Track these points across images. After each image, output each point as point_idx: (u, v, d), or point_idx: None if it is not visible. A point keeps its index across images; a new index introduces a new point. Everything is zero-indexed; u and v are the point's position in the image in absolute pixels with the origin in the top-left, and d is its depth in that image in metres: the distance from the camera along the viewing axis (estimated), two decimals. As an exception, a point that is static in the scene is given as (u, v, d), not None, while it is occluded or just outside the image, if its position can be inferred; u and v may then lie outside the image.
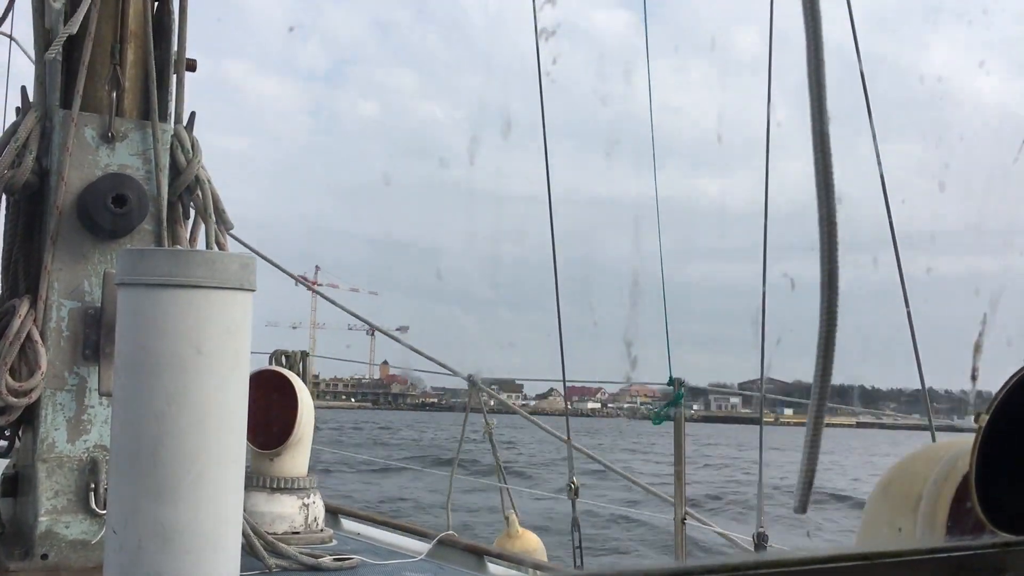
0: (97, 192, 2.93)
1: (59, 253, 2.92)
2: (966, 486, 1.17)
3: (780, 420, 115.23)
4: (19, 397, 2.80)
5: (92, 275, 2.97)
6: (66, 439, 2.88)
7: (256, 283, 1.79)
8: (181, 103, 3.15)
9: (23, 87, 3.14)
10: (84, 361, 2.93)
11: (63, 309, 2.93)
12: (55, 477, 2.82)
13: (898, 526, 1.37)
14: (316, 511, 3.64)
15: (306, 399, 3.78)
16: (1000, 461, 1.15)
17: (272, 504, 3.54)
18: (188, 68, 3.14)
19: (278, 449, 3.62)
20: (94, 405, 2.92)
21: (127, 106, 3.06)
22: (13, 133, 2.98)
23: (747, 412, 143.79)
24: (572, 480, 4.97)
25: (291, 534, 3.48)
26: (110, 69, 3.02)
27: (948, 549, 0.75)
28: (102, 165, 2.99)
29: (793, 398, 5.58)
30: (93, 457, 2.87)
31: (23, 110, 3.06)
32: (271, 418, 3.62)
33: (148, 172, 3.05)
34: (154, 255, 1.77)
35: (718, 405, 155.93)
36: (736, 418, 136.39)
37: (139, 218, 2.99)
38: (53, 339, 2.90)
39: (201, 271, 1.69)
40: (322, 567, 3.16)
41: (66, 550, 2.75)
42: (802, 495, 1.21)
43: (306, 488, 3.64)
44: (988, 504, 1.09)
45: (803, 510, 1.16)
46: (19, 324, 2.82)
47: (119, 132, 3.02)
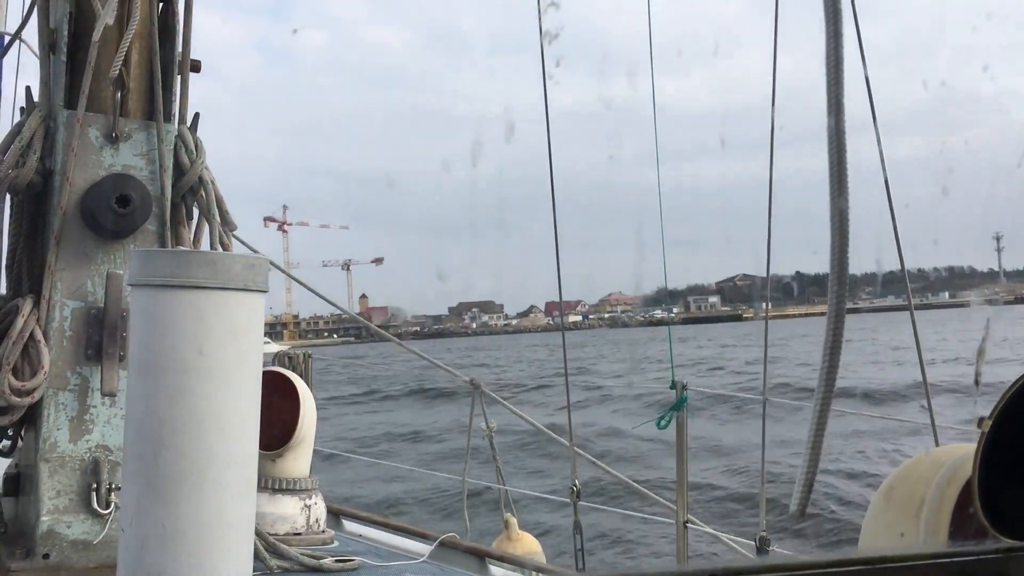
0: (101, 192, 2.93)
1: (63, 253, 2.93)
2: (969, 491, 1.16)
3: (759, 315, 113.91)
4: (22, 397, 2.80)
5: (95, 275, 2.97)
6: (68, 439, 2.88)
7: (267, 284, 1.78)
8: (185, 104, 3.15)
9: (27, 87, 3.15)
10: (87, 361, 2.93)
11: (66, 309, 2.93)
12: (57, 477, 2.82)
13: (900, 531, 1.37)
14: (318, 512, 3.64)
15: (308, 400, 3.79)
16: (1003, 466, 1.15)
17: (273, 505, 3.54)
18: (192, 69, 3.15)
19: (280, 450, 3.62)
20: (96, 405, 2.93)
21: (131, 107, 3.07)
22: (17, 133, 2.98)
23: (726, 310, 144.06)
24: (574, 482, 4.97)
25: (292, 535, 3.48)
26: (115, 69, 3.02)
27: (951, 554, 0.75)
28: (106, 165, 2.99)
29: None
30: (95, 457, 2.88)
31: (27, 110, 3.06)
32: (273, 419, 3.62)
33: (152, 173, 3.05)
34: (158, 256, 1.77)
35: (697, 305, 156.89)
36: (716, 317, 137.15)
37: (142, 218, 2.99)
38: (56, 339, 2.91)
39: (203, 272, 1.69)
40: (323, 568, 3.16)
41: (68, 550, 2.76)
42: (801, 499, 1.21)
43: (308, 489, 3.64)
44: (991, 509, 1.09)
45: (801, 515, 1.16)
46: (22, 324, 2.83)
47: (123, 132, 3.02)
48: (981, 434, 1.14)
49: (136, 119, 3.07)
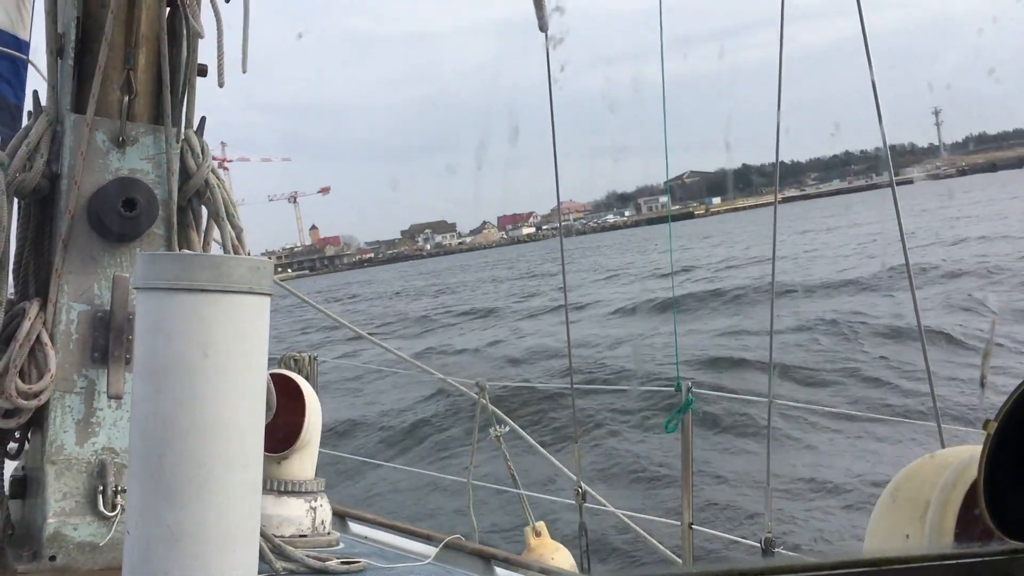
0: (107, 196, 2.94)
1: (70, 257, 2.94)
2: (974, 493, 1.16)
3: (711, 211, 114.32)
4: (28, 400, 2.81)
5: (102, 278, 2.98)
6: (75, 442, 2.89)
7: (271, 287, 1.78)
8: (192, 107, 3.16)
9: (35, 91, 3.16)
10: (93, 364, 2.94)
11: (73, 312, 2.94)
12: (63, 479, 2.83)
13: (906, 533, 1.36)
14: (323, 514, 3.64)
15: (314, 402, 3.79)
16: (1008, 468, 1.15)
17: (279, 507, 3.55)
18: (199, 73, 3.16)
19: (285, 452, 3.63)
20: (103, 408, 2.94)
21: (138, 110, 3.08)
22: (25, 137, 3.00)
23: (676, 208, 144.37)
24: (579, 484, 4.97)
25: (298, 537, 3.48)
26: (123, 74, 3.03)
27: (956, 556, 0.75)
28: (113, 169, 3.00)
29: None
30: (101, 460, 2.88)
31: (34, 114, 3.07)
32: (278, 421, 3.63)
33: (159, 176, 3.06)
34: (163, 259, 1.77)
35: (648, 207, 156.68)
36: (665, 217, 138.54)
37: (148, 222, 3.00)
38: (62, 342, 2.92)
39: (206, 275, 1.69)
40: (329, 570, 3.16)
41: (74, 552, 2.76)
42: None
43: (313, 491, 3.65)
44: (996, 511, 1.09)
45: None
46: (29, 327, 2.84)
47: (130, 136, 3.03)
48: (986, 436, 1.14)
49: (143, 123, 3.08)
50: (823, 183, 58.93)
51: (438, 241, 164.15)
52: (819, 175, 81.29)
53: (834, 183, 54.48)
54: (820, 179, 46.29)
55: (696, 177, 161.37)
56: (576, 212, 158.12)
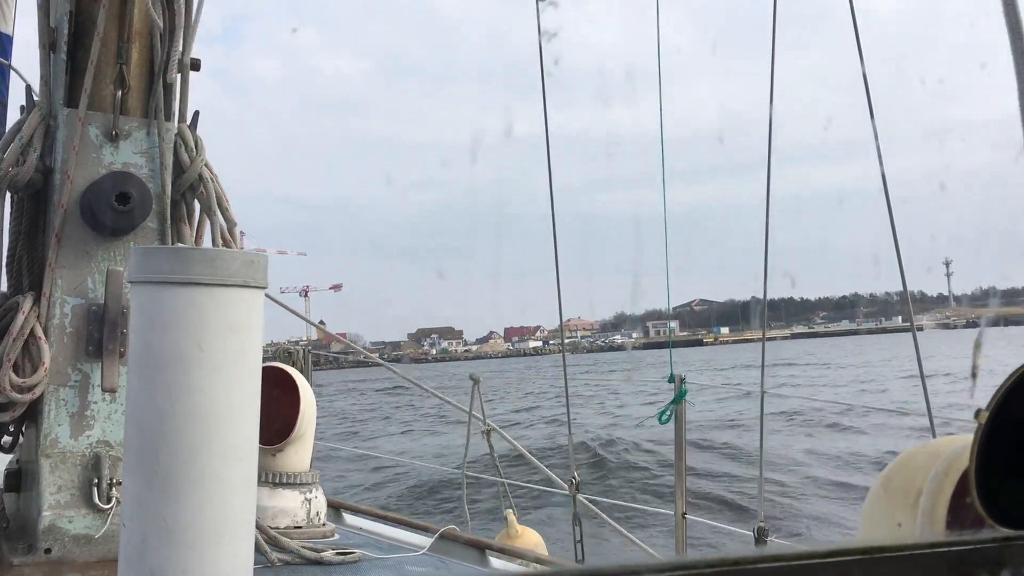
0: (101, 190, 2.94)
1: (63, 250, 2.94)
2: (966, 481, 1.17)
3: (719, 340, 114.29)
4: (23, 393, 2.81)
5: (96, 272, 2.98)
6: (69, 435, 2.89)
7: (266, 280, 1.79)
8: (185, 102, 3.15)
9: (28, 86, 3.15)
10: (87, 357, 2.94)
11: (67, 306, 2.94)
12: (58, 472, 2.83)
13: (898, 521, 1.38)
14: (318, 506, 3.65)
15: (308, 395, 3.80)
16: (1000, 457, 1.16)
17: (274, 499, 3.56)
18: (192, 68, 3.15)
19: (280, 444, 3.63)
20: (97, 401, 2.94)
21: (131, 105, 3.07)
22: (17, 131, 2.99)
23: (684, 335, 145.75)
24: (574, 474, 4.98)
25: (293, 528, 3.49)
26: (115, 68, 3.02)
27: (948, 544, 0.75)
28: (106, 163, 3.00)
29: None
30: (96, 453, 2.89)
31: (27, 108, 3.06)
32: (273, 414, 3.63)
33: (152, 170, 3.06)
34: (157, 253, 1.77)
35: (656, 331, 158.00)
36: (676, 342, 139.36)
37: (142, 216, 3.00)
38: (56, 336, 2.91)
39: (201, 268, 1.70)
40: (324, 561, 3.17)
41: (69, 545, 2.77)
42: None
43: (308, 483, 3.65)
44: (988, 499, 1.10)
45: None
46: (23, 321, 2.83)
47: (123, 131, 3.02)
48: (978, 425, 1.15)
49: (136, 117, 3.07)
50: (831, 323, 59.58)
51: (444, 347, 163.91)
52: (827, 315, 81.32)
53: (843, 323, 55.11)
54: (829, 319, 46.91)
55: (705, 305, 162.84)
56: (583, 330, 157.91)
